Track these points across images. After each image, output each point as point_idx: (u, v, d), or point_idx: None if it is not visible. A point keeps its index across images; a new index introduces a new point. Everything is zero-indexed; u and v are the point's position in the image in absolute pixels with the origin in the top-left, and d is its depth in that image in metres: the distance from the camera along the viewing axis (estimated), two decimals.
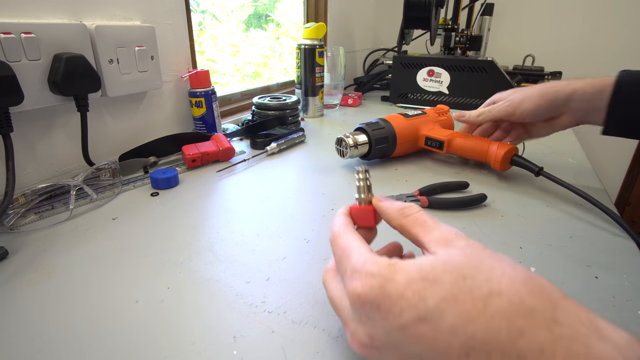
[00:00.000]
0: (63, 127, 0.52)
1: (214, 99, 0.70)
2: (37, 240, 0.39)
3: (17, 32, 0.42)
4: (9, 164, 0.42)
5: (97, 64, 0.52)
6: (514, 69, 1.19)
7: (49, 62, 0.46)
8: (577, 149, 0.71)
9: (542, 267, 0.36)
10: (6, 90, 0.41)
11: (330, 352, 0.26)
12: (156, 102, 0.65)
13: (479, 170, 0.60)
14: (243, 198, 0.50)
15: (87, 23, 0.50)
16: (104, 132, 0.58)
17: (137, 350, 0.26)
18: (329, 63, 0.99)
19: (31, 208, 0.44)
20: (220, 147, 0.61)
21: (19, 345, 0.27)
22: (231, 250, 0.38)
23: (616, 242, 0.41)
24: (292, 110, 0.79)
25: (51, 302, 0.31)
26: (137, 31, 0.57)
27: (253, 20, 1.05)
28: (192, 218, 0.44)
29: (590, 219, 0.45)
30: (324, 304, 0.31)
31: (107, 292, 0.32)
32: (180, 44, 0.68)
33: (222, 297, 0.32)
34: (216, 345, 0.27)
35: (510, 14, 1.42)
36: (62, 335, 0.27)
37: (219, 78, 0.97)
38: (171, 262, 0.36)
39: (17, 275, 0.34)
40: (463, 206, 0.48)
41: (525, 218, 0.45)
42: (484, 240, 0.40)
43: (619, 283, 0.34)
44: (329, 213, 0.46)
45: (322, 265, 0.36)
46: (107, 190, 0.50)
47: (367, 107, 1.07)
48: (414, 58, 1.02)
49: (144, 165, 0.58)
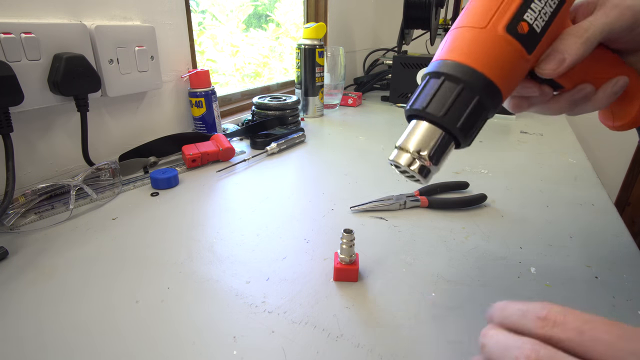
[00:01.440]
0: (63, 127, 0.52)
1: (214, 99, 0.70)
2: (37, 240, 0.39)
3: (17, 32, 0.42)
4: (9, 164, 0.42)
5: (97, 64, 0.52)
6: None
7: (49, 62, 0.46)
8: (577, 149, 0.71)
9: (542, 267, 0.36)
10: (6, 90, 0.41)
11: (330, 352, 0.26)
12: (156, 102, 0.65)
13: (479, 170, 0.60)
14: (243, 198, 0.50)
15: (87, 23, 0.50)
16: (104, 132, 0.58)
17: (137, 350, 0.26)
18: (329, 63, 0.99)
19: (31, 208, 0.44)
20: (220, 147, 0.61)
21: (19, 345, 0.27)
22: (231, 250, 0.38)
23: (616, 242, 0.41)
24: (292, 110, 0.79)
25: (51, 302, 0.31)
26: (137, 31, 0.57)
27: (253, 20, 1.05)
28: (192, 218, 0.44)
29: (590, 219, 0.45)
30: (324, 304, 0.31)
31: (107, 292, 0.32)
32: (180, 44, 0.68)
33: (222, 297, 0.32)
34: (216, 345, 0.27)
35: None
36: (62, 335, 0.27)
37: (218, 78, 0.97)
38: (171, 262, 0.36)
39: (17, 275, 0.34)
40: (463, 206, 0.48)
41: (525, 218, 0.45)
42: (484, 240, 0.40)
43: (619, 283, 0.34)
44: (329, 213, 0.46)
45: (322, 265, 0.36)
46: (107, 190, 0.50)
47: (367, 107, 1.07)
48: (414, 58, 1.02)
49: (144, 165, 0.58)
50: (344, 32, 1.31)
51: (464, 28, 0.26)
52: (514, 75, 0.26)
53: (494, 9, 0.26)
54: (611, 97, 0.29)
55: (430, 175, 0.27)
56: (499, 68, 0.25)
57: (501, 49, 0.25)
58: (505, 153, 0.68)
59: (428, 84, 0.27)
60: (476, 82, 0.25)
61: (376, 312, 0.30)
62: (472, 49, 0.26)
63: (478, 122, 0.26)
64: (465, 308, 0.31)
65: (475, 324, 0.29)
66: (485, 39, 0.25)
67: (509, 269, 0.36)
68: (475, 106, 0.25)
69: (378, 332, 0.28)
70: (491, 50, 0.25)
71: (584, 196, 0.51)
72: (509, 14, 0.25)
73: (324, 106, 0.99)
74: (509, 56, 0.25)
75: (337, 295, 0.32)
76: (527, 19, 0.25)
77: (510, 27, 0.25)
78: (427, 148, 0.26)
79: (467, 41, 0.26)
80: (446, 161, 0.27)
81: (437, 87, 0.26)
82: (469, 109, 0.25)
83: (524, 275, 0.35)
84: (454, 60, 0.26)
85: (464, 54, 0.26)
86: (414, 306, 0.31)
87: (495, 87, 0.25)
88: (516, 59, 0.25)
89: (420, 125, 0.26)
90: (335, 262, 0.34)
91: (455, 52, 0.26)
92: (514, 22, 0.25)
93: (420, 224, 0.44)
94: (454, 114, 0.25)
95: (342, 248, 0.33)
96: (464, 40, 0.26)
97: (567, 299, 0.32)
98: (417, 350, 0.27)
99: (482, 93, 0.25)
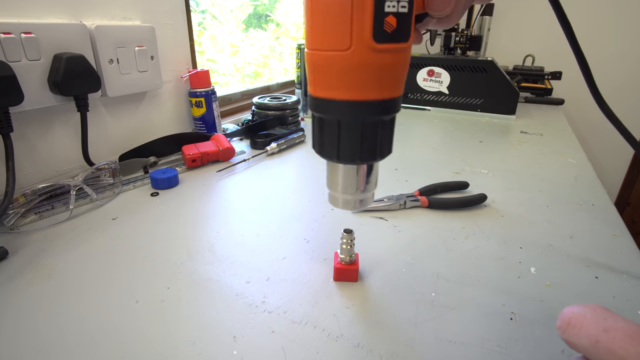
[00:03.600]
0: (63, 127, 0.52)
1: (214, 99, 0.70)
2: (37, 240, 0.39)
3: (17, 32, 0.42)
4: (9, 164, 0.41)
5: (97, 64, 0.52)
6: (514, 69, 1.19)
7: (49, 62, 0.46)
8: (577, 149, 0.71)
9: (542, 267, 0.36)
10: (6, 90, 0.41)
11: (330, 352, 0.26)
12: (156, 102, 0.65)
13: (479, 170, 0.60)
14: (243, 198, 0.50)
15: (87, 23, 0.50)
16: (104, 132, 0.58)
17: (137, 350, 0.26)
18: None
19: (31, 208, 0.44)
20: (220, 147, 0.61)
21: (19, 345, 0.27)
22: (231, 250, 0.38)
23: (616, 242, 0.41)
24: (292, 110, 0.79)
25: (51, 302, 0.31)
26: (137, 31, 0.57)
27: (253, 20, 1.05)
28: (192, 218, 0.44)
29: (590, 219, 0.45)
30: (324, 304, 0.31)
31: (107, 292, 0.32)
32: (180, 44, 0.68)
33: (222, 297, 0.32)
34: (216, 345, 0.27)
35: (510, 13, 1.42)
36: (61, 335, 0.27)
37: (218, 78, 0.97)
38: (171, 262, 0.36)
39: (17, 275, 0.34)
40: (463, 206, 0.48)
41: (525, 218, 0.45)
42: (484, 240, 0.40)
43: (619, 283, 0.34)
44: (329, 213, 0.46)
45: (322, 265, 0.36)
46: (107, 190, 0.50)
47: None
48: (414, 58, 1.02)
49: (144, 165, 0.58)
50: None
51: (326, 52, 0.21)
52: (403, 70, 0.23)
53: (348, 21, 0.20)
54: None
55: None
56: (385, 82, 0.22)
57: (381, 63, 0.21)
58: (505, 153, 0.68)
59: (315, 123, 0.25)
60: (357, 111, 0.22)
61: (376, 312, 0.30)
62: (345, 78, 0.21)
63: (379, 134, 0.23)
64: (465, 308, 0.31)
65: (476, 324, 0.29)
66: (358, 63, 0.21)
67: (509, 269, 0.36)
68: (363, 130, 0.23)
69: (378, 332, 0.28)
70: (370, 73, 0.21)
71: (584, 196, 0.51)
72: (368, 18, 0.20)
73: None
74: (392, 63, 0.21)
75: (337, 295, 0.32)
76: (390, 10, 0.20)
77: (377, 32, 0.20)
78: (355, 186, 0.25)
79: (336, 71, 0.21)
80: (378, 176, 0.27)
81: (319, 128, 0.24)
82: (360, 137, 0.23)
83: (524, 275, 0.35)
84: (329, 97, 0.22)
85: (336, 88, 0.22)
86: (414, 306, 0.31)
87: (382, 102, 0.22)
88: (400, 58, 0.22)
89: (336, 166, 0.25)
90: (335, 262, 0.34)
91: (327, 87, 0.22)
92: (379, 24, 0.20)
93: (420, 224, 0.44)
94: (346, 152, 0.23)
95: (342, 248, 0.33)
96: (332, 70, 0.21)
97: (567, 299, 0.32)
98: (417, 350, 0.27)
99: (366, 117, 0.22)
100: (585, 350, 0.17)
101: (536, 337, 0.28)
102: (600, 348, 0.16)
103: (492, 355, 0.26)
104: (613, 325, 0.16)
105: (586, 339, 0.17)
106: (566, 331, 0.18)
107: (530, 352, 0.27)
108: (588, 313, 0.17)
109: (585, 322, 0.17)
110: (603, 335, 0.16)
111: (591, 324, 0.17)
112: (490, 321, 0.29)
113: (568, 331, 0.18)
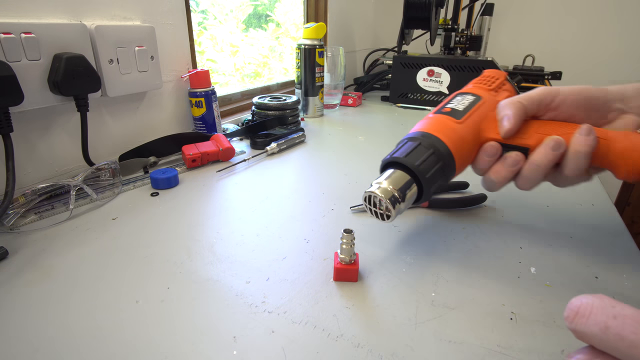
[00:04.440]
0: (63, 127, 0.52)
1: (214, 99, 0.70)
2: (37, 240, 0.39)
3: (17, 32, 0.42)
4: (9, 164, 0.42)
5: (97, 64, 0.52)
6: (514, 69, 1.19)
7: (49, 62, 0.46)
8: None
9: (542, 267, 0.36)
10: (6, 90, 0.41)
11: (330, 352, 0.26)
12: (156, 102, 0.65)
13: None
14: (243, 198, 0.50)
15: (87, 23, 0.50)
16: (104, 132, 0.58)
17: (137, 350, 0.26)
18: (329, 63, 0.99)
19: (31, 208, 0.44)
20: (220, 147, 0.61)
21: (19, 345, 0.27)
22: (231, 250, 0.38)
23: (616, 242, 0.41)
24: (292, 110, 0.79)
25: (51, 302, 0.31)
26: (137, 31, 0.57)
27: (253, 20, 1.05)
28: (192, 218, 0.44)
29: (590, 219, 0.45)
30: (324, 304, 0.31)
31: (107, 292, 0.32)
32: (180, 44, 0.68)
33: (222, 297, 0.32)
34: (216, 345, 0.27)
35: (510, 14, 1.42)
36: (61, 336, 0.27)
37: (218, 78, 0.97)
38: (171, 262, 0.36)
39: (17, 275, 0.34)
40: (463, 206, 0.48)
41: (525, 218, 0.45)
42: (484, 240, 0.40)
43: (619, 283, 0.34)
44: (329, 213, 0.46)
45: (322, 265, 0.36)
46: (107, 190, 0.50)
47: (367, 107, 1.07)
48: (414, 58, 1.02)
49: (144, 165, 0.58)
50: (344, 32, 1.30)
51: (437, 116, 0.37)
52: (465, 144, 0.35)
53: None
54: (556, 156, 0.32)
55: (396, 210, 0.31)
56: (450, 138, 0.34)
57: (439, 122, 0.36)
58: None
59: (405, 144, 0.34)
60: (442, 149, 0.33)
61: (376, 312, 0.30)
62: (437, 127, 0.35)
63: (437, 181, 0.33)
64: (465, 308, 0.31)
65: (475, 324, 0.29)
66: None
67: (509, 269, 0.36)
68: (439, 168, 0.33)
69: (378, 332, 0.28)
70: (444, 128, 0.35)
71: (584, 196, 0.51)
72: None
73: (324, 106, 0.99)
74: (447, 122, 0.35)
75: (337, 295, 0.32)
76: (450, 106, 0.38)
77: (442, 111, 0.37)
78: (398, 186, 0.32)
79: (431, 123, 0.36)
80: (407, 209, 0.34)
81: (414, 147, 0.33)
82: (435, 168, 0.33)
83: (524, 275, 0.35)
84: (427, 132, 0.35)
85: (433, 129, 0.35)
86: (414, 306, 0.31)
87: (452, 155, 0.34)
88: (450, 123, 0.35)
89: (395, 172, 0.33)
90: (335, 262, 0.34)
91: (426, 127, 0.35)
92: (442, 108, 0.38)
93: (420, 224, 0.44)
94: (425, 167, 0.32)
95: (342, 248, 0.33)
96: (430, 121, 0.36)
97: (567, 299, 0.32)
98: (417, 350, 0.27)
99: (445, 160, 0.33)
100: (594, 338, 0.17)
101: (536, 337, 0.28)
102: (610, 334, 0.16)
103: (492, 355, 0.26)
104: (621, 312, 0.16)
105: (595, 326, 0.17)
106: (574, 320, 0.17)
107: (530, 352, 0.27)
108: (596, 301, 0.17)
109: (594, 310, 0.17)
110: (612, 321, 0.16)
111: (599, 311, 0.17)
112: (490, 321, 0.29)
113: (576, 320, 0.17)
